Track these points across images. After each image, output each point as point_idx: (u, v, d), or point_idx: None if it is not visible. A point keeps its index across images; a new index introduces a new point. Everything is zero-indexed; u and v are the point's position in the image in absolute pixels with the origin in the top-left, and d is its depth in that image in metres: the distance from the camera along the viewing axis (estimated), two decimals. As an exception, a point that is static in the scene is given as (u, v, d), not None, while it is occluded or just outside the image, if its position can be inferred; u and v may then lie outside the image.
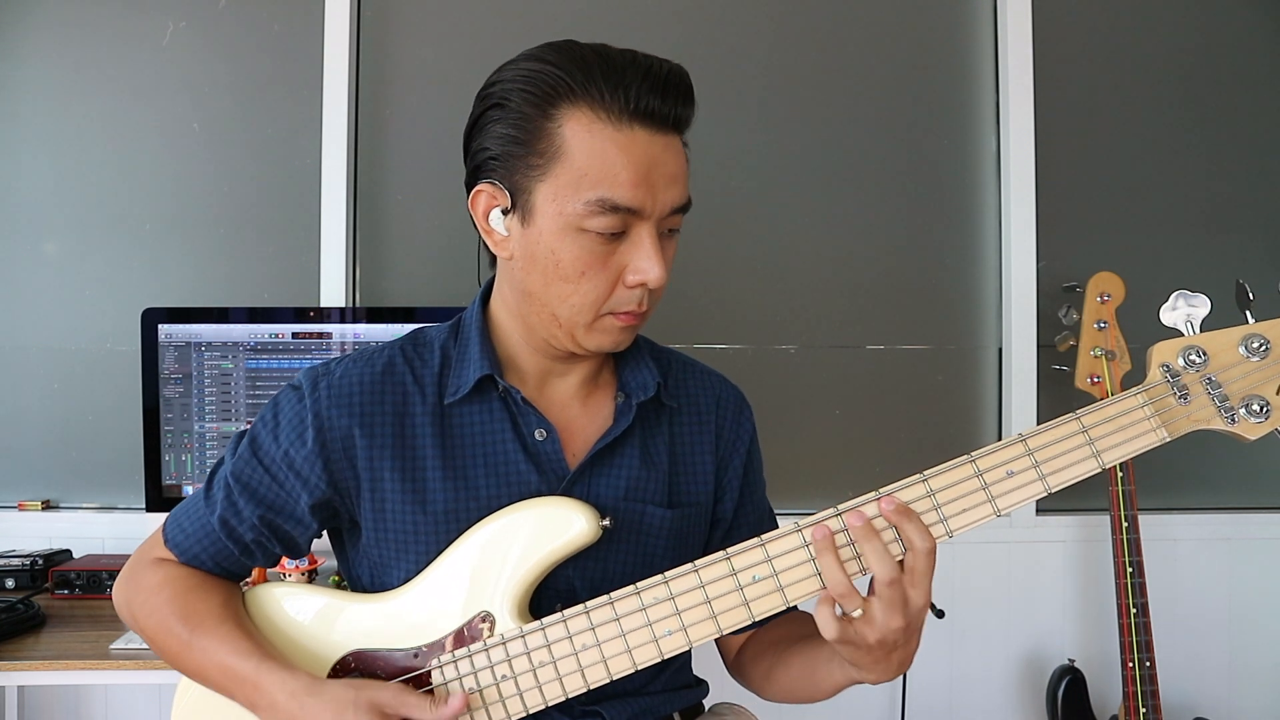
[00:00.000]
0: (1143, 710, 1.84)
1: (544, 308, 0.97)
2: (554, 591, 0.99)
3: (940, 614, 1.71)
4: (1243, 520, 2.16)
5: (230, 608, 1.00)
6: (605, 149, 0.90)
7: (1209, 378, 0.89)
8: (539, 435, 1.01)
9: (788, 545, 0.90)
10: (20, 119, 2.08)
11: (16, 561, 1.81)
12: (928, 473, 0.89)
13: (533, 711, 0.93)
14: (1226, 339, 0.90)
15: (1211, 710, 2.10)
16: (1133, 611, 1.84)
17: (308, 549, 1.07)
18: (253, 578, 1.65)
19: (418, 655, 0.96)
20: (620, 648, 0.91)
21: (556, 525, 0.95)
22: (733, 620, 0.90)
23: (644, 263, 0.93)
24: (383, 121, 2.12)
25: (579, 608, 0.92)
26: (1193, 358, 0.90)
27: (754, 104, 2.15)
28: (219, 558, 1.03)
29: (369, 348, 1.06)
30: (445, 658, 0.95)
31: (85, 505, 2.08)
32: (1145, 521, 1.88)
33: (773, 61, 2.15)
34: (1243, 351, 0.89)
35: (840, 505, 0.89)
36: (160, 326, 1.80)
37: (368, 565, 1.03)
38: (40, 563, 1.82)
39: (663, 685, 1.07)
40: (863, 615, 0.85)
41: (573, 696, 0.93)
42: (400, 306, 1.94)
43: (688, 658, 1.13)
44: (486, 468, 1.00)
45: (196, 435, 1.81)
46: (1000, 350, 2.17)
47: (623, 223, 0.92)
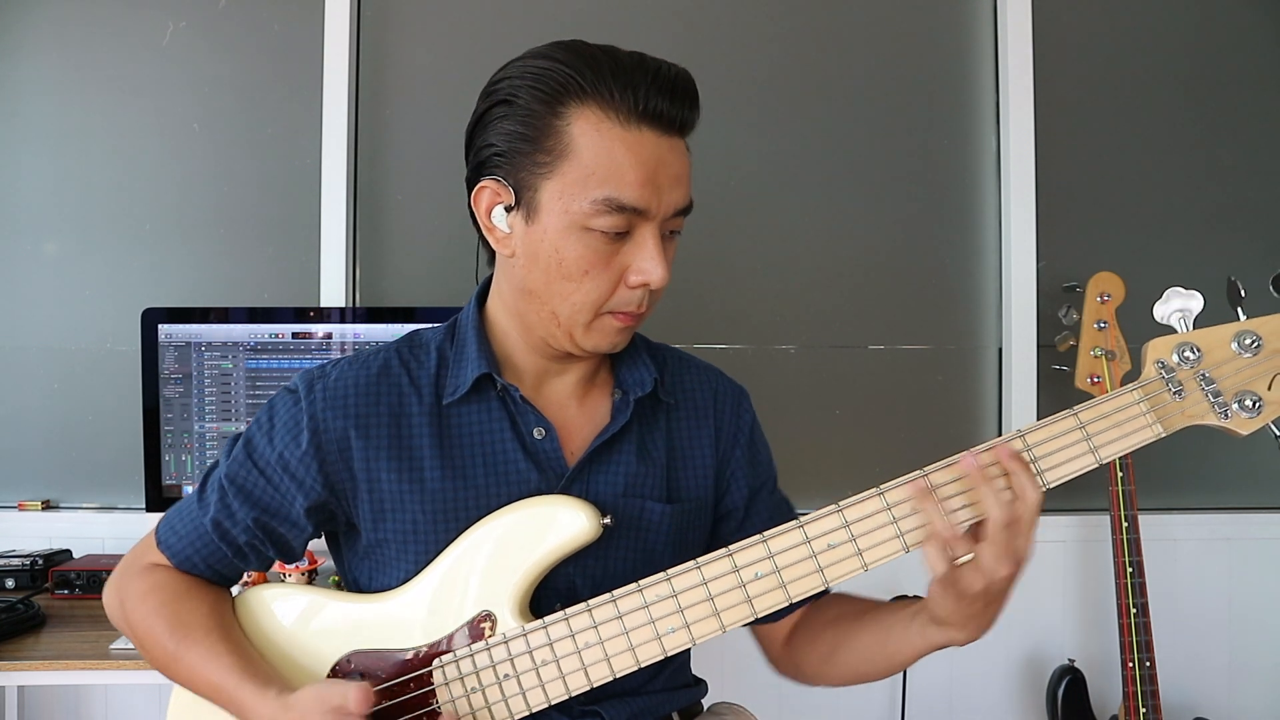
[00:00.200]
0: (1143, 710, 1.84)
1: (544, 306, 0.97)
2: (554, 590, 0.99)
3: None
4: (1243, 520, 2.16)
5: (216, 617, 0.99)
6: (613, 149, 0.90)
7: (1203, 374, 0.90)
8: (538, 434, 1.01)
9: (790, 542, 0.90)
10: (20, 119, 2.08)
11: (16, 561, 1.81)
12: (928, 469, 0.89)
13: (535, 710, 0.93)
14: (1219, 336, 0.91)
15: (1211, 710, 2.10)
16: (1133, 611, 1.84)
17: (302, 552, 1.06)
18: (253, 578, 1.65)
19: (419, 655, 0.96)
20: (623, 645, 0.91)
21: (557, 524, 0.95)
22: (735, 617, 0.90)
23: (647, 263, 0.93)
24: (383, 121, 2.12)
25: (581, 606, 0.92)
26: (1187, 354, 0.91)
27: (754, 104, 2.15)
28: (211, 560, 1.02)
29: (365, 350, 1.06)
30: (447, 657, 0.95)
31: (85, 505, 2.08)
32: (1145, 521, 1.88)
33: (773, 62, 2.15)
34: (1235, 348, 0.91)
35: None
36: (160, 326, 1.80)
37: (367, 567, 1.03)
38: (40, 563, 1.82)
39: (662, 684, 1.07)
40: (972, 560, 0.85)
41: (575, 695, 0.93)
42: (400, 306, 1.94)
43: (687, 657, 1.13)
44: (485, 467, 1.00)
45: (196, 435, 1.80)
46: (1000, 350, 2.17)
47: (627, 223, 0.92)
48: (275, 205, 2.10)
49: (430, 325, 1.10)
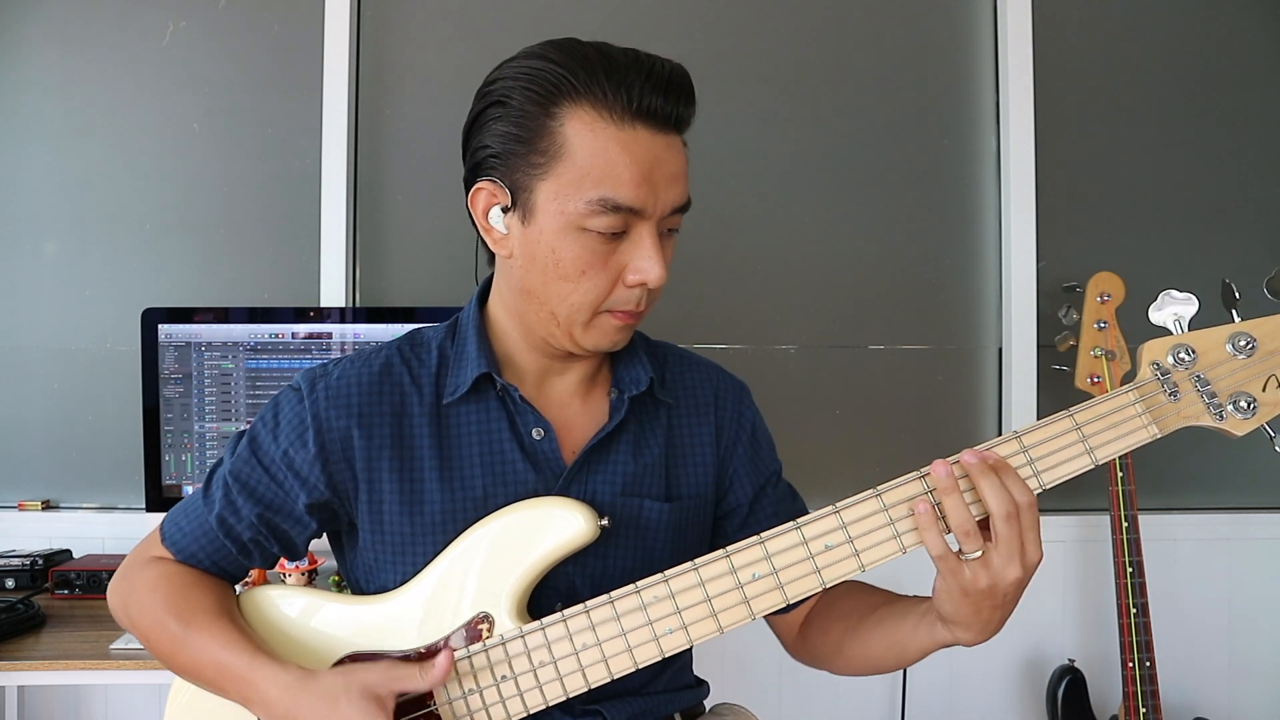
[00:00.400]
0: (1143, 710, 1.84)
1: (543, 306, 0.97)
2: (554, 590, 0.99)
3: None
4: (1243, 520, 2.16)
5: (225, 605, 1.00)
6: (607, 148, 0.89)
7: (1198, 375, 0.91)
8: (536, 434, 1.01)
9: (787, 543, 0.90)
10: (20, 118, 2.08)
11: (16, 561, 1.81)
12: (925, 469, 0.89)
13: (533, 711, 0.93)
14: (1214, 337, 0.92)
15: (1211, 710, 2.10)
16: (1133, 611, 1.84)
17: (305, 550, 1.06)
18: (253, 578, 1.66)
19: (417, 657, 0.96)
20: (621, 646, 0.91)
21: (554, 525, 0.95)
22: (733, 618, 0.90)
23: (644, 262, 0.93)
24: (383, 121, 2.12)
25: (579, 607, 0.92)
26: (1182, 356, 0.91)
27: (754, 104, 2.15)
28: (216, 557, 1.02)
29: (366, 349, 1.06)
30: (445, 658, 0.95)
31: (85, 505, 2.08)
32: (1145, 521, 1.88)
33: (773, 62, 2.15)
34: (1230, 350, 0.91)
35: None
36: (160, 326, 1.80)
37: (366, 567, 1.03)
38: (40, 563, 1.82)
39: (664, 685, 1.07)
40: (980, 558, 0.85)
41: (573, 696, 0.93)
42: (400, 306, 1.94)
43: (688, 658, 1.14)
44: (484, 467, 1.00)
45: (196, 435, 1.81)
46: (1000, 350, 2.17)
47: (624, 222, 0.92)
48: (275, 205, 2.10)
49: (431, 324, 1.10)
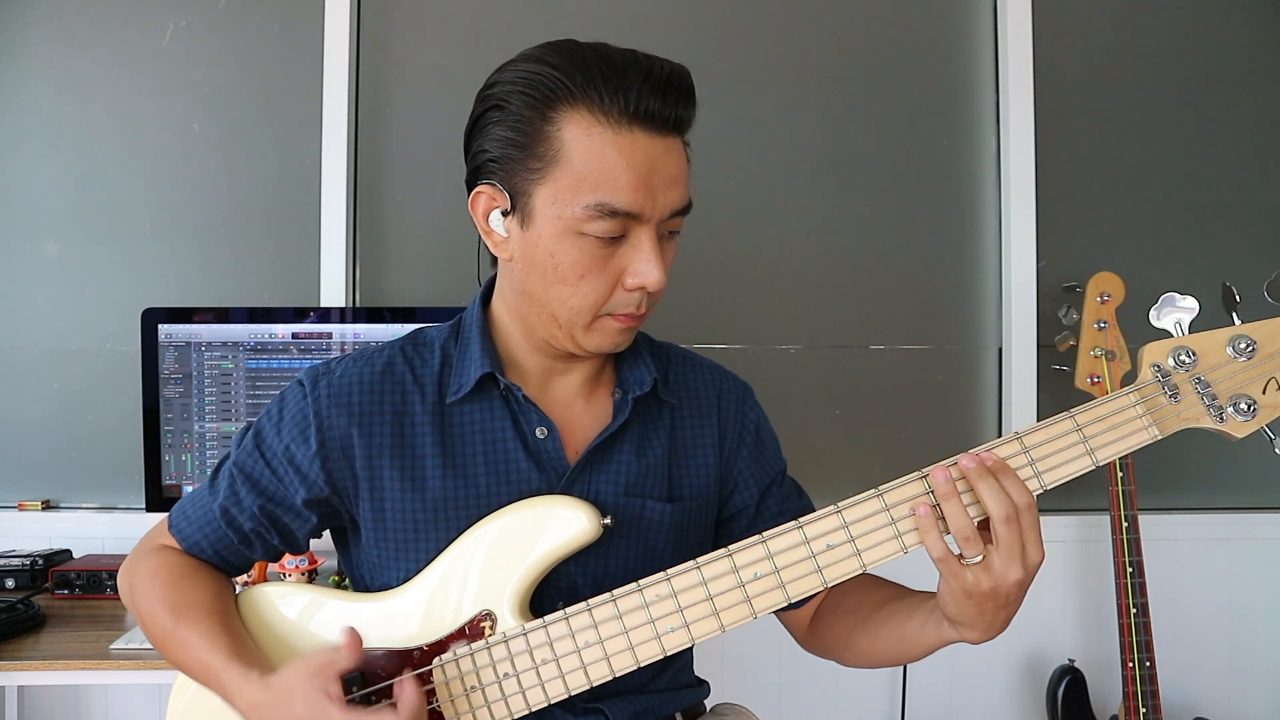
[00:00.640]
0: (1143, 710, 1.84)
1: (544, 309, 0.97)
2: (556, 589, 0.99)
3: None
4: (1243, 520, 2.16)
5: (219, 602, 1.00)
6: (604, 152, 0.89)
7: (1198, 377, 0.91)
8: (540, 433, 1.01)
9: (789, 542, 0.90)
10: (20, 118, 2.08)
11: (16, 561, 1.81)
12: (926, 470, 0.89)
13: (535, 709, 0.93)
14: (1215, 340, 0.92)
15: (1211, 710, 2.10)
16: (1133, 611, 1.84)
17: (306, 544, 1.07)
18: (253, 578, 1.66)
19: (419, 654, 0.96)
20: (623, 644, 0.91)
21: (557, 524, 0.95)
22: (734, 617, 0.90)
23: (643, 266, 0.93)
24: (383, 121, 2.12)
25: (581, 605, 0.92)
26: (1182, 358, 0.92)
27: (754, 104, 2.15)
28: (219, 546, 1.04)
29: (369, 347, 1.07)
30: (446, 656, 0.95)
31: (85, 505, 2.08)
32: (1145, 521, 1.88)
33: (773, 61, 2.16)
34: (1230, 352, 0.92)
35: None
36: (160, 326, 1.80)
37: (369, 564, 1.03)
38: (40, 563, 1.82)
39: (665, 684, 1.07)
40: (982, 561, 0.85)
41: (575, 694, 0.93)
42: (400, 306, 1.94)
43: (689, 658, 1.14)
44: (487, 466, 1.00)
45: (196, 435, 1.80)
46: (1000, 350, 2.18)
47: (622, 226, 0.92)
48: (275, 205, 2.10)
49: (434, 324, 1.10)
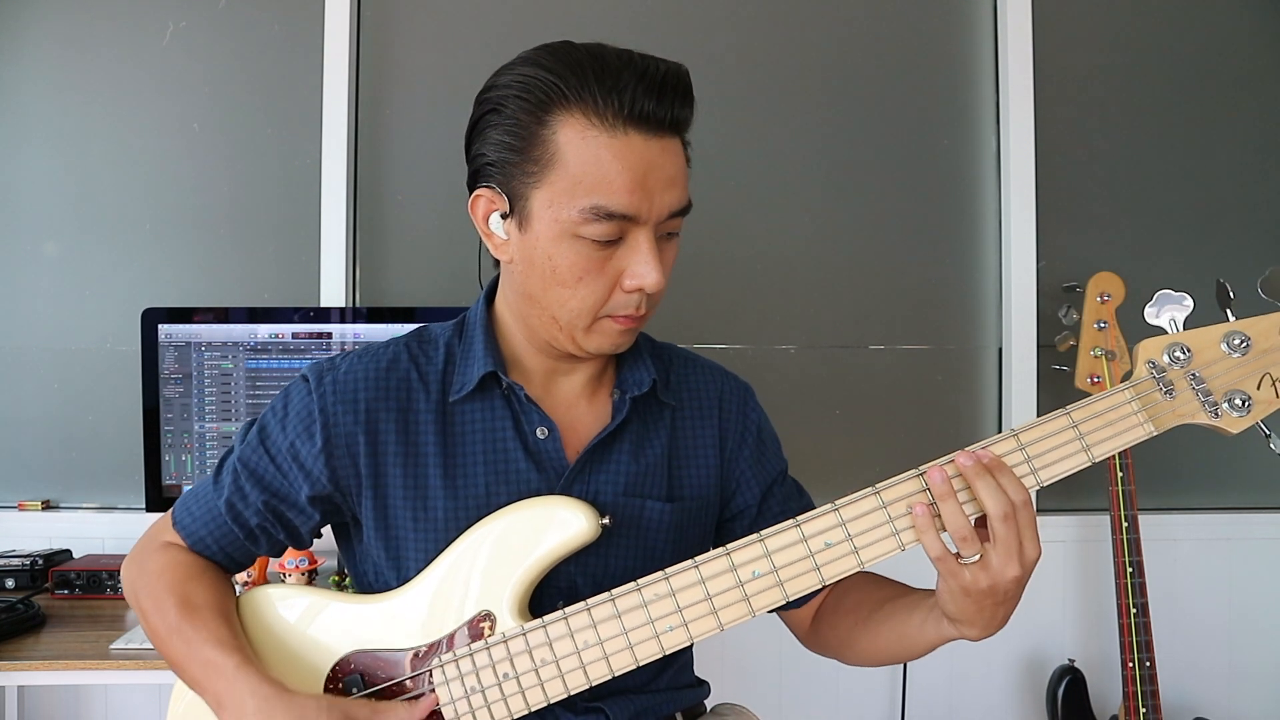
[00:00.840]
0: (1143, 710, 1.84)
1: (544, 310, 0.97)
2: (555, 589, 0.99)
3: None
4: (1243, 520, 2.16)
5: (225, 605, 1.01)
6: (600, 155, 0.89)
7: (1193, 374, 0.92)
8: (540, 433, 1.01)
9: (786, 540, 0.90)
10: (21, 119, 2.09)
11: (16, 561, 1.81)
12: (924, 467, 0.89)
13: (535, 709, 0.93)
14: (1209, 336, 0.93)
15: (1211, 710, 2.10)
16: (1133, 611, 1.84)
17: (310, 540, 1.07)
18: (253, 577, 1.66)
19: (419, 655, 0.96)
20: (622, 644, 0.91)
21: (556, 524, 0.95)
22: (733, 615, 0.90)
23: (641, 268, 0.93)
24: (383, 121, 2.12)
25: (580, 605, 0.93)
26: (1177, 354, 0.92)
27: (755, 104, 2.15)
28: (224, 542, 1.04)
29: (375, 344, 1.07)
30: (446, 657, 0.95)
31: (85, 505, 2.08)
32: (1145, 521, 1.88)
33: (773, 61, 2.16)
34: (1224, 348, 0.92)
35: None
36: (160, 326, 1.80)
37: (370, 563, 1.04)
38: (40, 563, 1.82)
39: (665, 684, 1.07)
40: (979, 560, 0.86)
41: (575, 693, 0.93)
42: (400, 306, 1.94)
43: (689, 658, 1.14)
44: (487, 465, 1.00)
45: (196, 435, 1.81)
46: (1000, 350, 2.17)
47: (619, 229, 0.92)
48: (275, 205, 2.10)
49: (439, 322, 1.10)
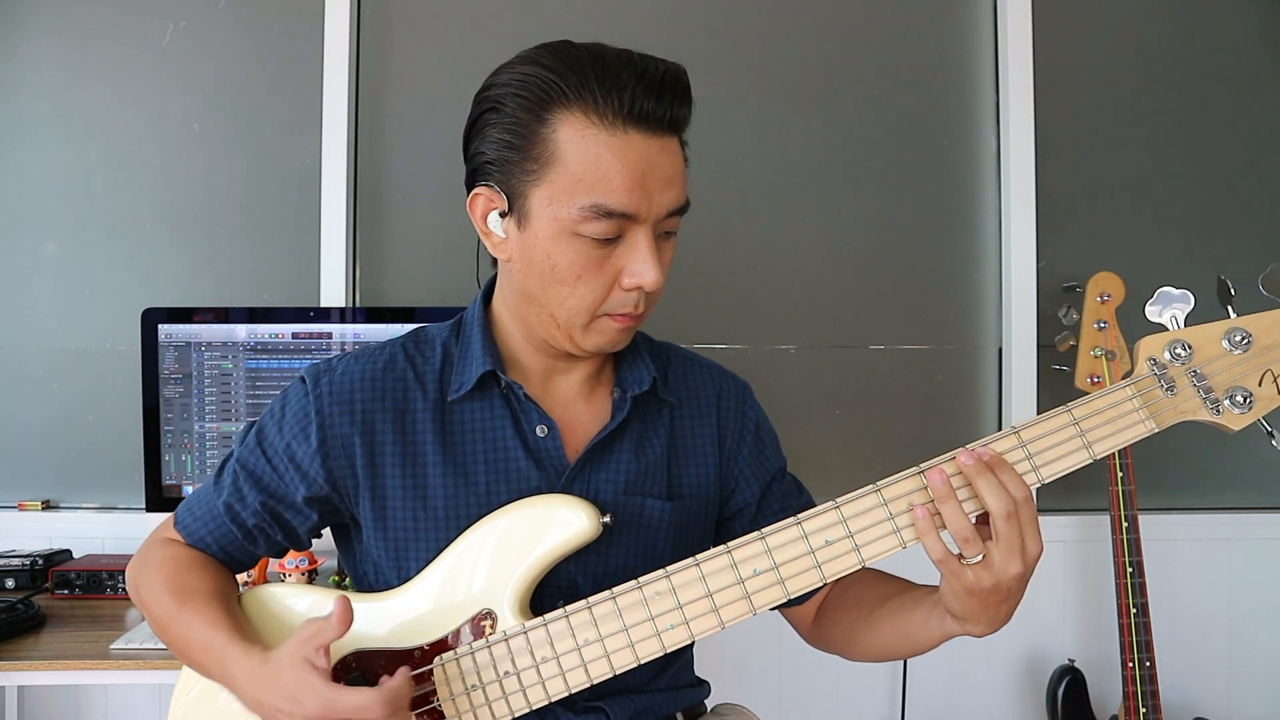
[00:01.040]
0: (1143, 710, 1.84)
1: (542, 309, 0.97)
2: (556, 587, 0.99)
3: None
4: (1243, 520, 2.16)
5: (222, 590, 1.01)
6: (599, 154, 0.89)
7: (1194, 370, 0.92)
8: (540, 432, 1.02)
9: (787, 538, 0.90)
10: (21, 119, 2.08)
11: (16, 561, 1.81)
12: (924, 465, 0.89)
13: (536, 707, 0.93)
14: (1210, 333, 0.92)
15: (1211, 710, 2.10)
16: (1133, 611, 1.84)
17: (308, 540, 1.08)
18: (254, 577, 1.66)
19: (420, 653, 0.96)
20: (623, 642, 0.91)
21: (557, 523, 0.95)
22: (734, 614, 0.90)
23: (640, 266, 0.93)
24: (383, 121, 2.12)
25: (581, 603, 0.93)
26: (1178, 351, 0.92)
27: (754, 104, 2.15)
28: (224, 542, 1.04)
29: (371, 345, 1.07)
30: (447, 655, 0.95)
31: (85, 505, 2.08)
32: (1145, 521, 1.88)
33: (773, 61, 2.16)
34: (1226, 345, 0.92)
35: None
36: (160, 326, 1.80)
37: (370, 563, 1.04)
38: (40, 563, 1.82)
39: (666, 683, 1.07)
40: (982, 560, 0.86)
41: (576, 691, 0.93)
42: (400, 306, 1.94)
43: (690, 657, 1.14)
44: (487, 464, 1.00)
45: (196, 435, 1.81)
46: (1000, 350, 2.18)
47: (618, 227, 0.92)
48: (275, 205, 2.10)
49: (436, 323, 1.10)
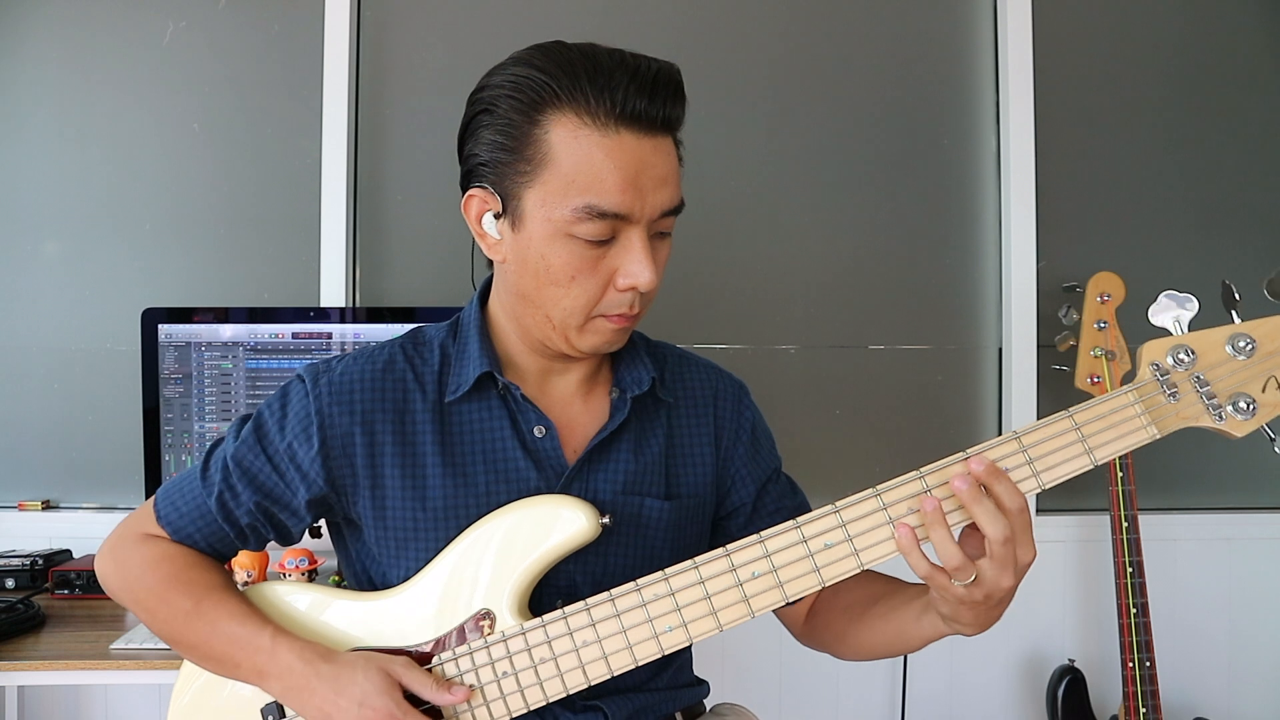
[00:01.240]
0: (1143, 710, 1.84)
1: (537, 310, 0.97)
2: (555, 588, 0.99)
3: None
4: (1243, 520, 2.16)
5: (231, 585, 1.02)
6: (591, 155, 0.89)
7: (1197, 376, 0.91)
8: (538, 432, 1.02)
9: (786, 541, 0.90)
10: (21, 119, 2.09)
11: (16, 561, 1.81)
12: (924, 469, 0.89)
13: (534, 707, 0.94)
14: (1214, 338, 0.92)
15: (1211, 710, 2.10)
16: (1133, 611, 1.84)
17: (299, 539, 1.07)
18: (253, 578, 1.66)
19: (418, 653, 0.96)
20: (621, 644, 0.92)
21: (556, 524, 0.95)
22: (732, 616, 0.90)
23: (634, 266, 0.93)
24: (383, 121, 2.12)
25: (579, 605, 0.93)
26: (1181, 356, 0.91)
27: (754, 104, 2.15)
28: (212, 538, 1.03)
29: (369, 346, 1.07)
30: (445, 655, 0.95)
31: (85, 505, 2.08)
32: (1145, 521, 1.88)
33: (773, 61, 2.15)
34: (1229, 350, 0.91)
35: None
36: (160, 326, 1.80)
37: (369, 562, 1.04)
38: (40, 563, 1.82)
39: (664, 683, 1.07)
40: (973, 580, 0.85)
41: (573, 693, 0.93)
42: (400, 306, 1.94)
43: (689, 657, 1.14)
44: (486, 465, 1.00)
45: (196, 435, 1.81)
46: (1000, 350, 2.17)
47: (611, 228, 0.92)
48: (275, 205, 2.10)
49: (433, 323, 1.10)
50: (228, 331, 1.79)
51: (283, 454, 1.00)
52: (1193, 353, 0.91)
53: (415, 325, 1.12)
